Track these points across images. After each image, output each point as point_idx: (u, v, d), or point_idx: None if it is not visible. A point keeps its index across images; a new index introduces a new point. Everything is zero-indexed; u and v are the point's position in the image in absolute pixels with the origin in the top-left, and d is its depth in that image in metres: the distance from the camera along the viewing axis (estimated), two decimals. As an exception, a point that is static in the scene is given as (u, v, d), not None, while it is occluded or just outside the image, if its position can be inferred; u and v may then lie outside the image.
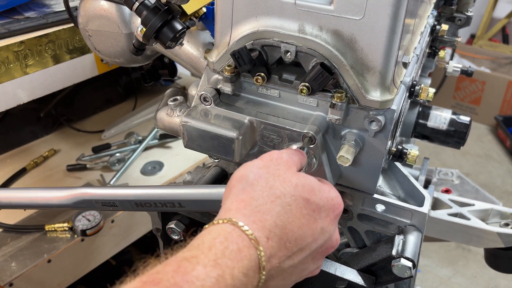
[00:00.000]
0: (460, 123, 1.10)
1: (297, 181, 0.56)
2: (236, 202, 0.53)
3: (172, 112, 0.86)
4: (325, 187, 0.59)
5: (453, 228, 1.10)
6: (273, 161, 0.58)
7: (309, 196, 0.56)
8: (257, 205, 0.52)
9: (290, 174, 0.57)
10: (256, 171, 0.56)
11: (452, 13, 1.32)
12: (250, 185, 0.55)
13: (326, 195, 0.58)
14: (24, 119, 1.81)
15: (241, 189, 0.55)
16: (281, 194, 0.54)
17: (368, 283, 0.74)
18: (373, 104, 0.65)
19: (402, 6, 0.59)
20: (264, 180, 0.55)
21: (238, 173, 0.57)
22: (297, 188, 0.55)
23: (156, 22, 0.73)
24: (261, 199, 0.53)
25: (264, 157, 0.59)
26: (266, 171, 0.56)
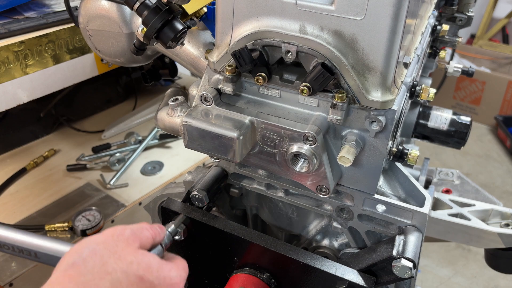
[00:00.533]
0: (460, 123, 1.10)
1: (133, 259, 0.56)
2: (62, 276, 0.53)
3: (172, 112, 0.86)
4: (166, 267, 0.60)
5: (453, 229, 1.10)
6: (113, 237, 0.58)
7: (143, 273, 0.56)
8: (84, 280, 0.52)
9: (128, 251, 0.57)
10: (93, 246, 0.56)
11: (453, 13, 1.32)
12: (83, 260, 0.54)
13: (164, 274, 0.59)
14: (24, 119, 1.81)
15: (71, 264, 0.54)
16: (113, 270, 0.54)
17: (369, 284, 0.74)
18: (374, 104, 0.65)
19: (403, 7, 0.59)
20: (98, 257, 0.55)
21: (74, 248, 0.57)
22: (131, 265, 0.56)
23: (157, 22, 0.73)
24: (89, 275, 0.53)
25: (106, 232, 0.59)
26: (103, 247, 0.56)
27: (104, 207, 1.51)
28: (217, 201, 0.91)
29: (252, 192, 0.91)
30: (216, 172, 0.88)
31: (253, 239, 0.79)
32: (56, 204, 1.53)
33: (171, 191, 0.94)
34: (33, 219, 1.46)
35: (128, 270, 0.55)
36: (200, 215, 0.82)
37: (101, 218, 1.43)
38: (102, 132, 1.91)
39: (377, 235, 0.82)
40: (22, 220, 1.45)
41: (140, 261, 0.57)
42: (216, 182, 0.86)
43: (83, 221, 1.42)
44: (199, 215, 0.82)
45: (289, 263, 0.77)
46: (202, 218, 0.81)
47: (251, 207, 0.98)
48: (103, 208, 1.49)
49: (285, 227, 0.95)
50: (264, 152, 0.74)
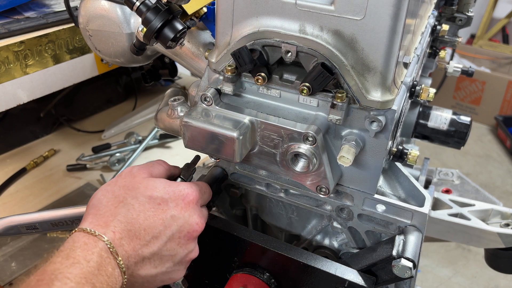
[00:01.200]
0: (460, 123, 1.10)
1: (139, 185, 0.66)
2: (86, 217, 0.63)
3: (172, 112, 0.86)
4: (173, 183, 0.69)
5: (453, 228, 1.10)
6: (121, 176, 0.68)
7: (151, 193, 0.65)
8: (101, 213, 0.62)
9: (135, 181, 0.66)
10: (104, 188, 0.66)
11: (453, 13, 1.32)
12: (98, 201, 0.64)
13: (172, 189, 0.67)
14: (24, 119, 1.81)
15: (90, 206, 0.65)
16: (123, 199, 0.64)
17: (369, 283, 0.74)
18: (373, 104, 0.65)
19: (403, 6, 0.59)
20: (111, 194, 0.65)
21: (93, 196, 0.67)
22: (138, 190, 0.65)
23: (157, 22, 0.73)
24: (104, 208, 0.63)
25: (119, 174, 0.69)
26: (113, 185, 0.66)
27: (104, 207, 1.50)
28: (217, 201, 0.91)
29: (252, 192, 0.91)
30: (216, 172, 0.88)
31: (253, 239, 0.79)
32: (56, 204, 1.53)
33: (171, 191, 0.93)
34: (33, 219, 1.46)
35: (137, 194, 0.64)
36: (200, 215, 0.82)
37: (101, 218, 1.43)
38: (102, 132, 1.91)
39: (377, 235, 0.82)
40: (22, 220, 1.45)
41: (147, 185, 0.66)
42: (216, 182, 0.86)
43: (83, 221, 1.42)
44: (199, 215, 0.82)
45: (289, 263, 0.77)
46: (202, 218, 0.81)
47: (251, 207, 0.98)
48: (103, 208, 1.49)
49: (285, 227, 0.95)
50: (264, 152, 0.74)
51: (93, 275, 0.54)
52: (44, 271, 0.53)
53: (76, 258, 0.55)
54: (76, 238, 0.59)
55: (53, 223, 0.83)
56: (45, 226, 0.84)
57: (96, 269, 0.55)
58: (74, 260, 0.55)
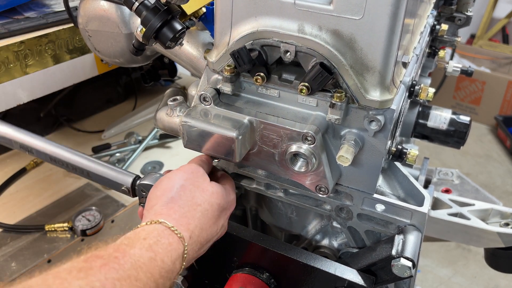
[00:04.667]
0: (460, 123, 1.10)
1: (212, 190, 0.71)
2: (166, 208, 0.66)
3: (172, 112, 0.86)
4: (229, 192, 0.76)
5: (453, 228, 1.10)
6: (194, 173, 0.72)
7: (220, 201, 0.72)
8: (183, 212, 0.66)
9: (206, 184, 0.72)
10: (181, 183, 0.70)
11: (452, 13, 1.32)
12: (178, 195, 0.68)
13: (229, 198, 0.75)
14: (24, 119, 1.81)
15: (170, 198, 0.68)
16: (201, 202, 0.69)
17: (368, 283, 0.74)
18: (372, 104, 0.65)
19: (402, 6, 0.59)
20: (188, 191, 0.69)
21: (166, 184, 0.70)
22: (212, 195, 0.71)
23: (156, 22, 0.73)
24: (186, 207, 0.67)
25: (185, 169, 0.73)
26: (190, 182, 0.70)
27: (104, 207, 1.51)
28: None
29: (252, 192, 0.91)
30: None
31: (253, 239, 0.79)
32: (56, 204, 1.53)
33: (170, 191, 0.93)
34: (33, 219, 1.46)
35: (211, 201, 0.70)
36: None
37: (101, 218, 1.43)
38: (102, 132, 1.91)
39: (376, 234, 0.82)
40: (22, 220, 1.45)
41: (217, 192, 0.72)
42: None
43: (83, 221, 1.42)
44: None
45: (288, 263, 0.77)
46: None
47: (251, 207, 0.98)
48: (103, 208, 1.49)
49: (284, 227, 0.95)
50: (263, 152, 0.74)
51: (160, 276, 0.58)
52: (124, 251, 0.56)
53: (155, 254, 0.58)
54: (163, 233, 0.61)
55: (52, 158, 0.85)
56: (42, 155, 0.86)
57: (165, 272, 0.59)
58: (153, 256, 0.58)
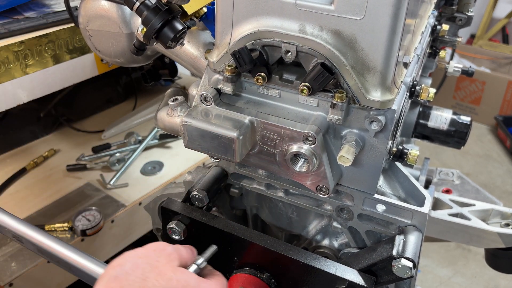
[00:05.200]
0: (460, 123, 1.10)
1: (172, 275, 0.57)
2: (105, 285, 0.55)
3: (172, 112, 0.86)
4: (204, 284, 0.60)
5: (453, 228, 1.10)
6: (156, 252, 0.60)
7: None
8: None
9: (168, 268, 0.59)
10: (135, 260, 0.58)
11: (453, 13, 1.32)
12: (125, 274, 0.56)
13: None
14: (24, 119, 1.81)
15: (114, 277, 0.56)
16: (153, 286, 0.55)
17: (369, 283, 0.74)
18: (373, 104, 0.65)
19: (403, 6, 0.59)
20: (140, 270, 0.56)
21: (117, 261, 0.59)
22: (170, 281, 0.57)
23: (157, 22, 0.73)
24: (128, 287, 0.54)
25: (148, 246, 0.61)
26: (145, 261, 0.58)
27: (104, 207, 1.51)
28: (217, 201, 0.91)
29: (252, 192, 0.91)
30: (216, 172, 0.88)
31: (253, 239, 0.79)
32: (56, 204, 1.53)
33: (171, 191, 0.94)
34: (33, 219, 1.46)
35: (167, 287, 0.56)
36: (200, 215, 0.82)
37: (101, 218, 1.43)
38: (102, 132, 1.91)
39: (377, 235, 0.82)
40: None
41: (179, 278, 0.58)
42: (216, 182, 0.86)
43: (83, 221, 1.42)
44: (199, 215, 0.82)
45: (289, 263, 0.77)
46: (202, 218, 0.81)
47: (251, 207, 0.98)
48: (103, 208, 1.49)
49: (285, 227, 0.95)
50: (264, 152, 0.74)
51: None
52: None
53: None
54: None
55: (39, 249, 0.74)
56: (29, 246, 0.76)
57: None
58: None
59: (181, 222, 0.82)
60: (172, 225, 0.81)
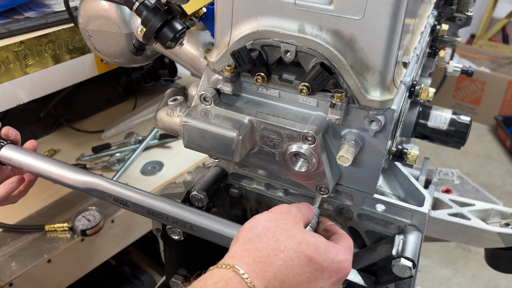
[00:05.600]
0: (460, 123, 1.10)
1: (302, 238, 0.58)
2: (241, 250, 0.56)
3: (172, 112, 0.86)
4: (333, 249, 0.60)
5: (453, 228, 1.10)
6: (283, 214, 0.61)
7: (313, 255, 0.57)
8: (260, 256, 0.55)
9: (297, 230, 0.59)
10: (265, 223, 0.59)
11: (452, 13, 1.32)
12: (257, 237, 0.57)
13: (332, 257, 0.59)
14: (24, 119, 1.81)
15: (247, 239, 0.57)
16: (285, 249, 0.56)
17: (368, 283, 0.74)
18: (373, 104, 0.65)
19: (402, 6, 0.59)
20: (271, 233, 0.58)
21: (248, 224, 0.60)
22: (301, 245, 0.57)
23: (156, 22, 0.73)
24: (265, 251, 0.56)
25: (274, 209, 0.62)
26: (275, 224, 0.59)
27: (104, 207, 1.51)
28: (216, 201, 0.91)
29: (252, 192, 0.91)
30: (215, 172, 0.88)
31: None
32: (56, 204, 1.53)
33: (171, 191, 0.94)
34: (33, 219, 1.46)
35: (299, 250, 0.57)
36: (199, 215, 0.82)
37: (101, 218, 1.43)
38: (102, 132, 1.91)
39: (376, 234, 0.82)
40: (22, 220, 1.45)
41: (309, 242, 0.58)
42: (215, 182, 0.86)
43: (83, 221, 1.42)
44: (199, 215, 0.82)
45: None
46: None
47: (251, 207, 0.98)
48: (103, 208, 1.49)
49: (284, 227, 0.95)
50: (264, 152, 0.74)
51: None
52: None
53: None
54: (231, 282, 0.52)
55: (150, 211, 0.74)
56: (138, 209, 0.76)
57: None
58: None
59: (180, 222, 0.82)
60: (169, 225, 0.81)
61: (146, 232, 1.63)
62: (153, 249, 1.99)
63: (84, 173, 0.79)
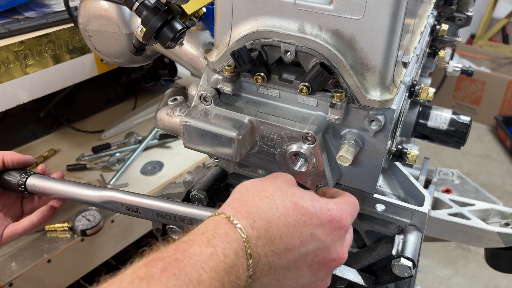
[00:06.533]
0: (460, 123, 1.10)
1: (287, 189, 0.60)
2: (230, 201, 0.60)
3: (172, 112, 0.86)
4: (322, 200, 0.61)
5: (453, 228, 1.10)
6: (273, 175, 0.64)
7: (297, 200, 0.59)
8: (245, 200, 0.58)
9: (285, 185, 0.62)
10: (255, 181, 0.62)
11: (452, 13, 1.32)
12: (246, 189, 0.61)
13: (320, 204, 0.60)
14: (24, 119, 1.81)
15: (237, 192, 0.61)
16: (270, 195, 0.59)
17: (368, 283, 0.74)
18: (373, 103, 0.65)
19: (402, 6, 0.59)
20: (259, 186, 0.61)
21: (238, 187, 0.63)
22: (286, 193, 0.59)
23: (156, 22, 0.73)
24: (250, 197, 0.59)
25: (268, 175, 0.65)
26: (264, 180, 0.63)
27: (104, 207, 1.50)
28: (216, 201, 0.91)
29: (252, 192, 0.91)
30: (215, 172, 0.88)
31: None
32: (56, 204, 1.53)
33: (170, 191, 0.94)
34: (33, 219, 1.46)
35: (283, 196, 0.59)
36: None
37: (101, 218, 1.43)
38: (102, 132, 1.92)
39: (376, 234, 0.82)
40: (22, 220, 1.45)
41: (295, 191, 0.60)
42: (215, 182, 0.86)
43: (83, 221, 1.42)
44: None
45: (288, 262, 0.77)
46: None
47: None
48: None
49: (284, 227, 0.95)
50: (264, 151, 0.74)
51: (225, 273, 0.51)
52: (184, 251, 0.51)
53: (215, 249, 0.51)
54: (219, 223, 0.55)
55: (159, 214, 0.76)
56: (148, 214, 0.77)
57: (229, 267, 0.52)
58: (213, 251, 0.51)
59: (180, 222, 0.82)
60: (172, 225, 0.81)
61: (146, 232, 1.63)
62: (153, 249, 1.98)
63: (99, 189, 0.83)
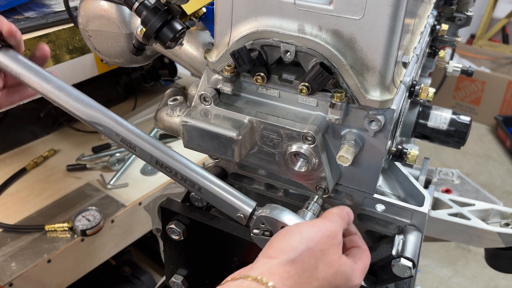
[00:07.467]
0: (460, 123, 1.10)
1: (338, 269, 0.61)
2: (283, 271, 0.57)
3: (172, 112, 0.86)
4: (357, 274, 0.64)
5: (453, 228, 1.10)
6: (329, 238, 0.62)
7: (341, 284, 0.61)
8: (298, 281, 0.57)
9: (336, 258, 0.61)
10: (309, 244, 0.60)
11: (452, 13, 1.32)
12: (301, 260, 0.58)
13: (352, 283, 0.63)
14: (24, 119, 1.81)
15: (291, 260, 0.58)
16: (321, 277, 0.59)
17: (368, 283, 0.74)
18: (372, 104, 0.65)
19: (402, 6, 0.59)
20: (313, 259, 0.59)
21: (293, 239, 0.60)
22: (335, 275, 0.60)
23: (156, 22, 0.73)
24: (303, 277, 0.58)
25: (323, 227, 0.63)
26: (319, 248, 0.60)
27: (104, 207, 1.51)
28: (216, 201, 0.91)
29: (252, 192, 0.91)
30: (215, 172, 0.88)
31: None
32: (56, 204, 1.53)
33: (170, 191, 0.94)
34: (33, 219, 1.46)
35: (332, 281, 0.60)
36: (199, 215, 0.82)
37: (101, 218, 1.43)
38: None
39: (376, 234, 0.82)
40: (22, 220, 1.45)
41: (342, 272, 0.61)
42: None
43: (83, 221, 1.42)
44: (199, 215, 0.82)
45: (288, 262, 0.77)
46: (202, 218, 0.81)
47: (251, 207, 0.97)
48: (103, 208, 1.49)
49: (284, 227, 0.95)
50: (263, 151, 0.74)
51: None
52: None
53: None
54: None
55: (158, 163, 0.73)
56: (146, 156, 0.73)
57: None
58: None
59: (180, 222, 0.82)
60: (172, 225, 0.81)
61: (146, 232, 1.63)
62: (153, 249, 1.99)
63: (93, 106, 0.76)
